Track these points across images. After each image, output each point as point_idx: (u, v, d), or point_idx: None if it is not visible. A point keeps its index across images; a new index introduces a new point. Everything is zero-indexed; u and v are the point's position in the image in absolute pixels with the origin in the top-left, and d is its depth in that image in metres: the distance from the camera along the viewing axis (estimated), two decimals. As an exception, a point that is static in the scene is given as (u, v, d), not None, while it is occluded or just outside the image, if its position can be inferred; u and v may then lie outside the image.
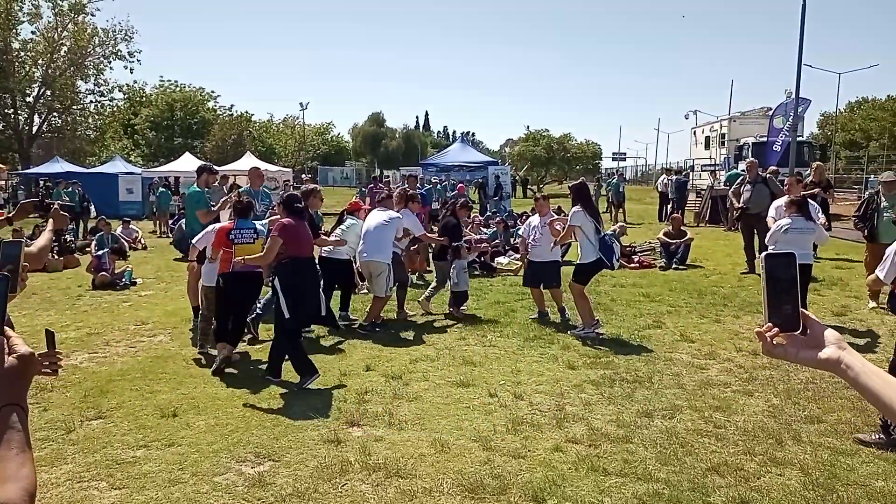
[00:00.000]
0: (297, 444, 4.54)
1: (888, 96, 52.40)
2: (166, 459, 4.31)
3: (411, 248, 10.18)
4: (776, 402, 5.29)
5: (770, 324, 1.19)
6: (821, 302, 8.94)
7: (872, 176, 23.36)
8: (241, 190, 8.74)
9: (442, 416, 5.03)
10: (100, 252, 11.30)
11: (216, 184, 9.60)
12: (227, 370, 6.13)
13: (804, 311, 1.19)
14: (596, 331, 7.35)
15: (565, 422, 4.89)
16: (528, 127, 52.45)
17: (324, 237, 8.03)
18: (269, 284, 6.33)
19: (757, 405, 5.23)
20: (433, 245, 9.33)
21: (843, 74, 48.69)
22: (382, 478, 4.03)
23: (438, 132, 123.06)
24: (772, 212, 8.20)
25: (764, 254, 1.22)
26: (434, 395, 5.52)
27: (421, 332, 7.63)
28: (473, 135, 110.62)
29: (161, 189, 21.81)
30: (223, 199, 8.05)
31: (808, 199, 7.64)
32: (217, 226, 6.68)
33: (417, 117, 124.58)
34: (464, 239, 9.28)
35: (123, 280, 10.76)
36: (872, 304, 8.43)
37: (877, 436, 4.53)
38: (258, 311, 7.40)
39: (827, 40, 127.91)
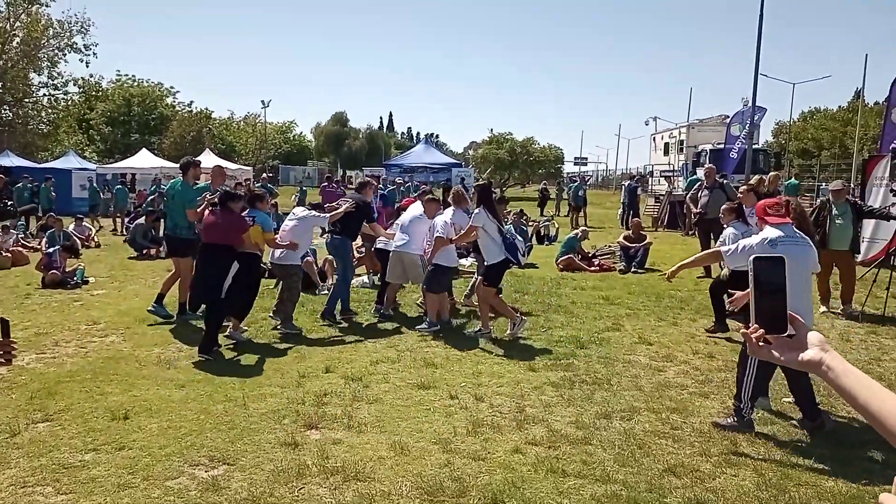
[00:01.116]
0: (253, 447, 4.45)
1: (839, 107, 54.16)
2: (116, 463, 4.18)
3: (362, 246, 10.22)
4: (731, 403, 5.37)
5: (756, 325, 1.21)
6: (774, 306, 9.14)
7: (824, 184, 24.08)
8: (199, 186, 8.59)
9: (402, 419, 4.99)
10: (50, 249, 10.94)
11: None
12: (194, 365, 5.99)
13: (791, 313, 1.21)
14: (491, 335, 7.31)
15: (525, 423, 4.89)
16: (491, 130, 52.66)
17: (377, 227, 8.87)
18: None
19: (713, 407, 5.31)
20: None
21: (798, 85, 50.26)
22: (340, 481, 3.97)
23: (402, 133, 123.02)
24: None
25: (753, 256, 1.24)
26: (394, 397, 5.47)
27: (382, 334, 7.57)
28: (437, 136, 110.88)
29: (118, 186, 21.29)
30: (202, 202, 8.10)
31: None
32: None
33: (381, 118, 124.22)
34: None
35: (75, 279, 10.44)
36: (823, 308, 8.66)
37: (731, 419, 4.85)
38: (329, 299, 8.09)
39: (782, 51, 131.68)
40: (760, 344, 1.22)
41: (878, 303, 8.74)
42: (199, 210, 7.93)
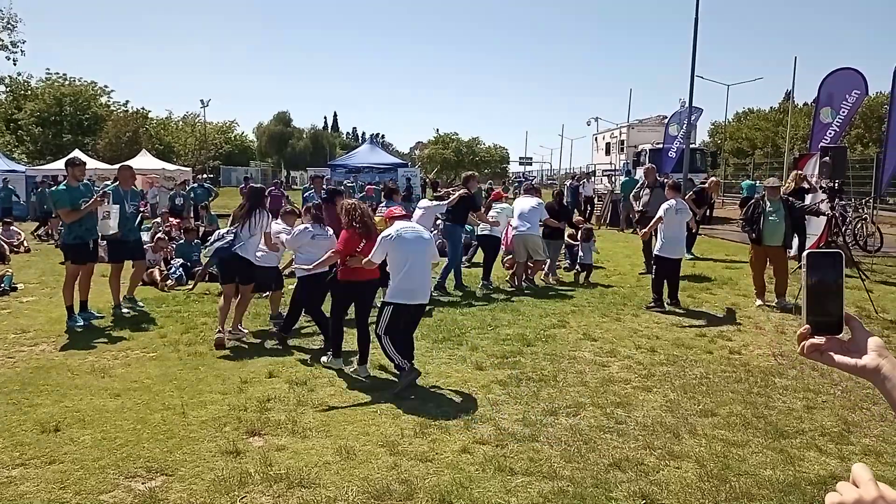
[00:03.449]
0: (193, 456, 4.30)
1: (771, 108, 56.22)
2: (46, 478, 3.97)
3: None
4: (673, 396, 5.49)
5: (808, 325, 1.11)
6: (713, 300, 9.41)
7: (758, 182, 24.88)
8: (107, 189, 8.33)
9: (348, 422, 4.91)
10: (-25, 255, 10.41)
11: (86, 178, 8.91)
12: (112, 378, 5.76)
13: (848, 313, 1.11)
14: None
15: (472, 423, 4.88)
16: (437, 130, 52.84)
17: (481, 215, 10.18)
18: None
19: (655, 400, 5.41)
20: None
21: (732, 86, 51.98)
22: (284, 489, 3.87)
23: (347, 133, 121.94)
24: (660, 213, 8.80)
25: (807, 251, 1.13)
26: (340, 400, 5.38)
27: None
28: (383, 136, 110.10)
29: (48, 189, 20.46)
30: (93, 200, 7.86)
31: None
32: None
33: (326, 118, 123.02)
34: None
35: (2, 285, 9.94)
36: (759, 301, 8.94)
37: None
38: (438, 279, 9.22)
39: (717, 54, 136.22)
40: (812, 345, 1.11)
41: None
42: (85, 209, 7.76)
